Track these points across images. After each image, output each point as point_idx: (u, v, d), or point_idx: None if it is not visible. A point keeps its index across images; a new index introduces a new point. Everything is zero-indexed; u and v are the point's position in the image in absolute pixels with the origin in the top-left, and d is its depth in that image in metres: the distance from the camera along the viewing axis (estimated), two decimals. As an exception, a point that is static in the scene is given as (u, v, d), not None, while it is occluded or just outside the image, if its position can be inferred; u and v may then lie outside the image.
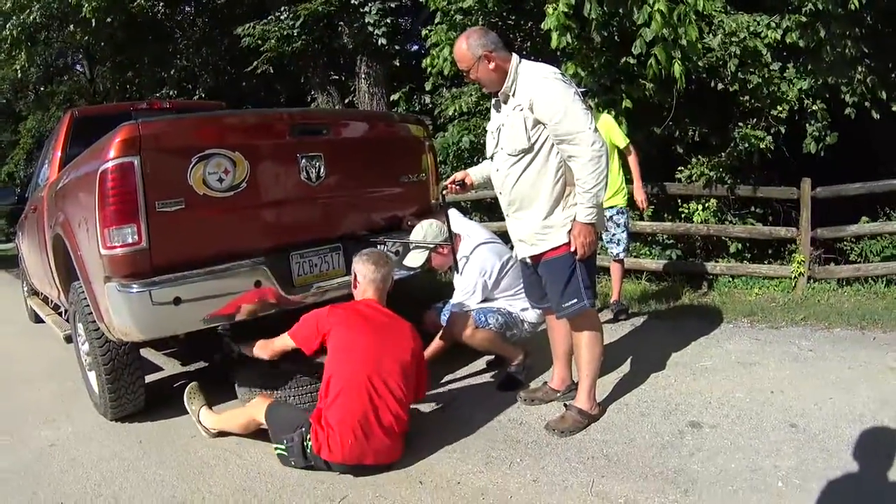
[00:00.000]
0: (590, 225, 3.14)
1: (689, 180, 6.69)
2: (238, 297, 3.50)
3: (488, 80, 3.24)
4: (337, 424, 2.94)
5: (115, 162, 3.18)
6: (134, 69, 13.27)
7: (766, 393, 3.68)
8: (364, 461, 2.99)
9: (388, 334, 3.16)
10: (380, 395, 3.00)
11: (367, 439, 2.96)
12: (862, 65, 6.27)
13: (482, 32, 3.23)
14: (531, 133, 3.13)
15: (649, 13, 5.12)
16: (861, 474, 2.80)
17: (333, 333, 3.10)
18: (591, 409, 3.44)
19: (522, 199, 3.27)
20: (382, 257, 3.42)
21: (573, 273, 3.23)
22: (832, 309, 5.19)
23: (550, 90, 3.08)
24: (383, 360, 3.06)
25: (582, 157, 3.02)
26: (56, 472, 3.45)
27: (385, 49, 9.54)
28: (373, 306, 3.29)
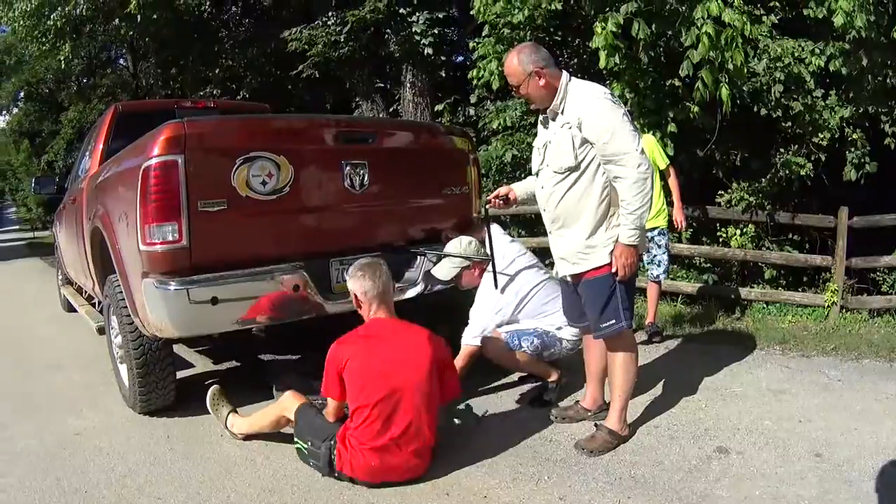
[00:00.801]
0: (632, 247, 3.12)
1: (728, 205, 6.65)
2: (276, 300, 3.51)
3: (538, 96, 3.23)
4: (359, 447, 2.94)
5: (159, 159, 3.23)
6: (178, 66, 13.38)
7: (793, 421, 3.65)
8: (388, 478, 2.99)
9: (402, 349, 3.06)
10: (401, 415, 2.95)
11: (391, 459, 2.95)
12: (902, 95, 6.18)
13: (534, 48, 3.23)
14: (578, 151, 3.12)
15: (697, 35, 5.09)
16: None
17: (348, 367, 3.02)
18: (622, 431, 3.41)
19: (566, 218, 3.27)
20: (375, 268, 3.21)
21: (613, 293, 3.22)
22: (862, 339, 5.13)
23: (600, 110, 3.08)
24: (401, 377, 2.98)
25: (628, 178, 3.02)
26: (81, 461, 3.49)
27: (431, 59, 9.54)
28: (381, 323, 3.16)
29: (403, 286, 4.11)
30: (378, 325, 3.15)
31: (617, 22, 5.28)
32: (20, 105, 25.59)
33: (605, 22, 5.32)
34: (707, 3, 5.00)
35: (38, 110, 24.61)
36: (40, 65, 17.39)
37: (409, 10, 9.41)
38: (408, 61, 9.83)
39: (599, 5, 5.79)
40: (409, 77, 9.97)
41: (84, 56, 14.68)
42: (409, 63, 9.85)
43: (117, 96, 16.95)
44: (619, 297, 3.22)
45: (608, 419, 3.43)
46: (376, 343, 3.05)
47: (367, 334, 3.11)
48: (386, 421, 2.92)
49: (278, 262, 3.57)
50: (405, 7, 9.39)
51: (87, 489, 3.18)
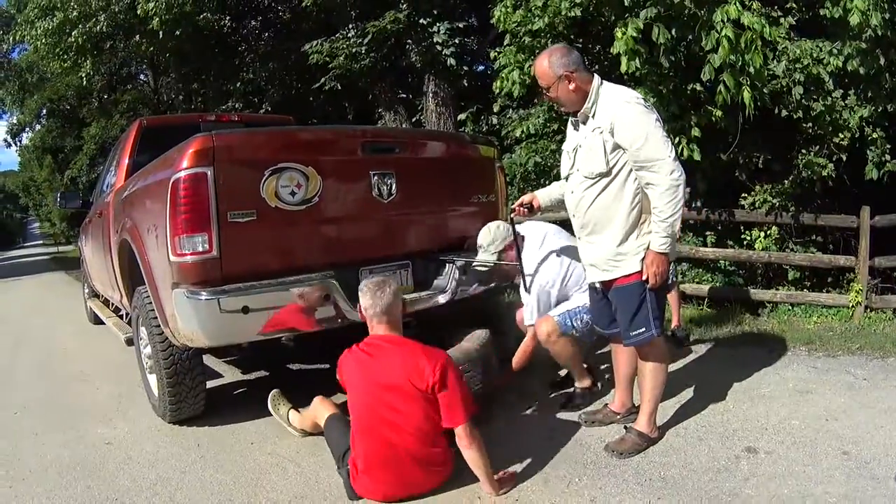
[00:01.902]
0: (663, 254, 3.09)
1: (752, 207, 6.62)
2: (305, 309, 3.55)
3: (567, 100, 3.20)
4: (364, 470, 2.93)
5: (188, 172, 3.29)
6: (199, 81, 13.50)
7: (820, 420, 3.65)
8: (408, 493, 2.96)
9: (389, 368, 2.95)
10: (396, 433, 2.90)
11: (399, 477, 2.93)
12: (921, 93, 6.13)
13: (565, 51, 3.19)
14: (610, 157, 3.10)
15: (717, 39, 5.10)
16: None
17: (345, 380, 3.07)
18: (651, 433, 3.41)
19: (596, 224, 3.24)
20: (380, 286, 3.14)
21: (643, 301, 3.19)
22: (887, 338, 5.10)
23: (632, 114, 3.04)
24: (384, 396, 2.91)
25: (660, 185, 2.99)
26: (111, 470, 3.55)
27: (453, 69, 9.55)
28: (378, 341, 3.10)
29: (432, 293, 4.14)
30: (376, 343, 3.10)
31: (637, 27, 5.30)
32: (43, 122, 25.97)
33: (625, 27, 5.35)
34: (726, 7, 5.01)
35: (60, 126, 24.96)
36: (62, 82, 17.63)
37: (430, 20, 9.43)
38: (429, 71, 9.86)
39: (619, 11, 5.80)
40: (431, 87, 9.99)
41: (105, 72, 14.83)
42: (430, 73, 9.88)
43: (138, 111, 17.13)
44: (650, 306, 3.20)
45: (638, 421, 3.44)
46: (366, 361, 3.02)
47: (364, 350, 3.08)
48: (380, 441, 2.90)
49: (308, 271, 3.60)
50: (426, 17, 9.42)
51: (118, 497, 3.24)
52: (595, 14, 6.24)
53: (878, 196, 6.19)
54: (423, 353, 2.99)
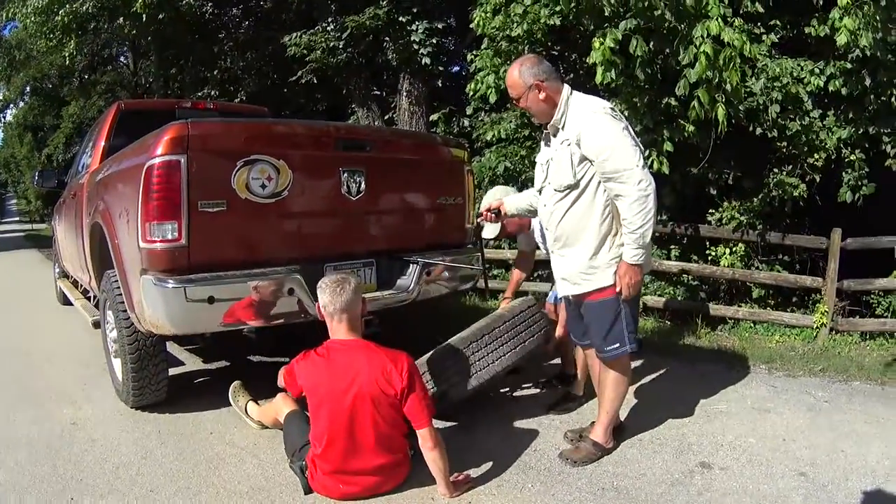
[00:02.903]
0: (636, 266, 3.09)
1: (719, 223, 6.68)
2: (270, 302, 3.56)
3: (538, 110, 3.21)
4: (322, 473, 2.95)
5: (162, 159, 3.28)
6: (178, 66, 13.42)
7: (778, 440, 3.69)
8: (366, 493, 2.98)
9: (351, 374, 2.93)
10: (355, 441, 2.91)
11: (355, 480, 2.95)
12: (908, 115, 6.19)
13: (536, 60, 3.19)
14: (577, 169, 3.10)
15: (695, 54, 5.13)
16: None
17: (304, 387, 3.03)
18: (607, 444, 3.44)
19: (568, 237, 3.23)
20: (339, 283, 3.08)
21: (618, 317, 3.21)
22: (852, 362, 5.16)
23: (598, 125, 3.03)
24: (347, 403, 2.90)
25: (629, 196, 2.98)
26: (77, 451, 3.58)
27: (429, 68, 9.57)
28: (337, 345, 3.06)
29: (395, 293, 4.18)
30: (333, 347, 3.06)
31: (615, 38, 5.32)
32: (26, 99, 25.69)
33: (603, 37, 5.37)
34: (707, 22, 5.05)
35: (42, 105, 24.73)
36: (46, 60, 17.47)
37: (409, 18, 9.44)
38: (405, 70, 9.87)
39: (599, 21, 5.84)
40: (405, 86, 10.00)
41: (87, 53, 14.74)
42: (406, 71, 9.89)
43: (117, 93, 17.11)
44: (624, 321, 3.22)
45: (594, 431, 3.46)
46: (325, 367, 2.99)
47: (321, 356, 3.04)
48: (342, 447, 2.91)
49: (273, 265, 3.62)
50: (405, 15, 9.43)
51: (82, 478, 3.27)
52: (574, 22, 6.26)
53: (846, 217, 6.23)
54: (388, 357, 2.99)
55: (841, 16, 5.36)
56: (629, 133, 3.07)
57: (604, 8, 5.54)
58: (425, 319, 5.45)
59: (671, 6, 5.27)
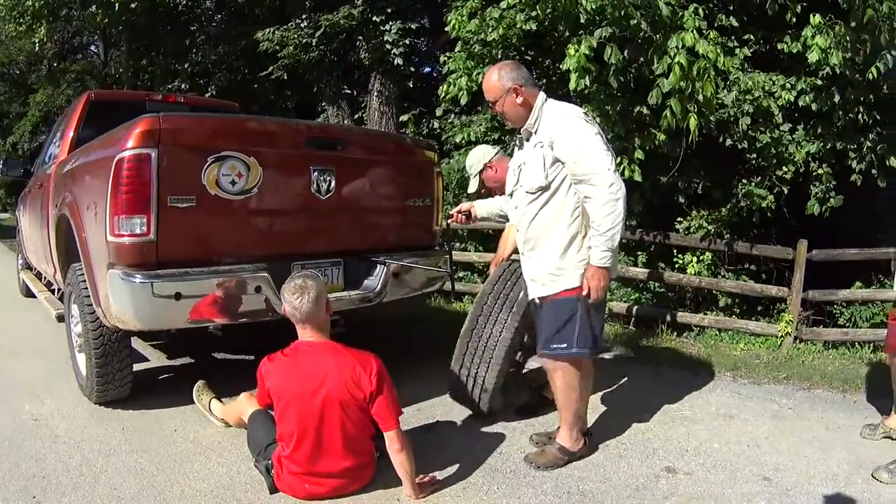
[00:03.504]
0: (604, 269, 3.10)
1: (687, 231, 6.76)
2: (238, 300, 3.54)
3: (514, 114, 3.23)
4: (291, 474, 2.94)
5: (132, 152, 3.24)
6: (149, 57, 13.30)
7: (742, 445, 3.75)
8: (326, 497, 2.97)
9: (320, 375, 2.90)
10: (322, 443, 2.90)
11: (326, 482, 2.95)
12: (873, 132, 6.33)
13: (514, 66, 3.23)
14: (549, 171, 3.13)
15: (669, 65, 5.20)
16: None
17: (271, 387, 3.00)
18: (573, 447, 3.41)
19: (537, 238, 3.25)
20: (302, 289, 2.99)
21: (572, 318, 3.18)
22: (815, 370, 5.25)
23: (572, 128, 3.07)
24: (317, 405, 2.88)
25: (598, 198, 3.00)
26: (38, 448, 3.50)
27: (401, 69, 9.58)
28: (305, 347, 3.03)
29: (361, 294, 4.16)
30: (300, 349, 3.03)
31: (590, 45, 5.37)
32: (-7, 85, 25.20)
33: (578, 44, 5.41)
34: (682, 34, 5.12)
35: (8, 91, 24.24)
36: (14, 45, 17.18)
37: (383, 18, 9.44)
38: (377, 69, 9.86)
39: (574, 28, 5.88)
40: (376, 85, 9.98)
41: (57, 40, 14.54)
42: (378, 71, 9.88)
43: (86, 82, 16.87)
44: (579, 323, 3.18)
45: (560, 434, 3.44)
46: (293, 368, 2.96)
47: (288, 357, 3.01)
48: (309, 449, 2.89)
49: (241, 262, 3.60)
50: (379, 15, 9.43)
51: (45, 475, 3.19)
52: (549, 28, 6.31)
53: (812, 228, 6.36)
54: (357, 359, 2.97)
55: (813, 34, 5.50)
56: (602, 138, 3.11)
57: (579, 15, 5.58)
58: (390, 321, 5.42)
59: (647, 16, 5.33)
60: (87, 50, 18.22)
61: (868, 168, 6.37)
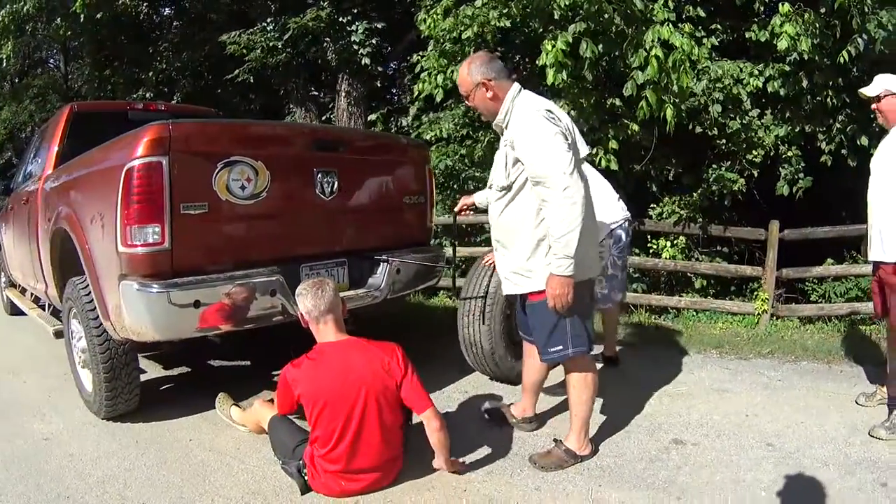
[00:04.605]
0: (563, 277, 2.92)
1: (659, 217, 6.94)
2: (254, 304, 3.56)
3: (484, 108, 3.19)
4: (325, 474, 2.99)
5: (143, 160, 3.23)
6: (112, 68, 13.11)
7: (741, 416, 3.93)
8: (361, 493, 3.03)
9: (351, 372, 2.97)
10: (363, 437, 2.96)
11: (361, 479, 3.01)
12: (842, 113, 6.59)
13: (486, 59, 3.15)
14: (511, 171, 3.07)
15: (645, 57, 5.37)
16: (838, 488, 3.03)
17: (302, 393, 3.01)
18: (581, 450, 3.34)
19: (505, 236, 3.23)
20: (320, 285, 3.14)
21: (560, 318, 3.09)
22: (797, 344, 5.46)
23: (531, 128, 2.96)
24: (352, 402, 2.94)
25: (552, 201, 2.87)
26: (55, 467, 3.45)
27: (368, 68, 9.64)
28: (329, 347, 3.09)
29: (367, 291, 4.24)
30: (326, 350, 3.09)
31: (567, 40, 5.51)
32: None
33: (554, 40, 5.54)
34: (658, 28, 5.29)
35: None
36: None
37: (349, 18, 9.49)
38: (344, 70, 9.90)
39: (548, 24, 6.01)
40: (344, 86, 10.03)
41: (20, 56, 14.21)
42: (345, 72, 9.92)
43: (47, 98, 16.47)
44: (568, 323, 3.11)
45: (568, 437, 3.37)
46: (323, 371, 3.00)
47: (316, 360, 3.05)
48: (348, 446, 2.94)
49: (253, 266, 3.62)
50: (345, 16, 9.48)
51: (69, 495, 3.15)
52: (521, 25, 6.42)
53: (784, 210, 6.60)
54: (380, 349, 3.07)
55: (782, 22, 5.71)
56: (565, 138, 2.96)
57: (553, 11, 5.71)
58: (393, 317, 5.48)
59: (620, 11, 5.48)
60: (47, 64, 17.79)
61: (838, 148, 6.63)
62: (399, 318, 5.74)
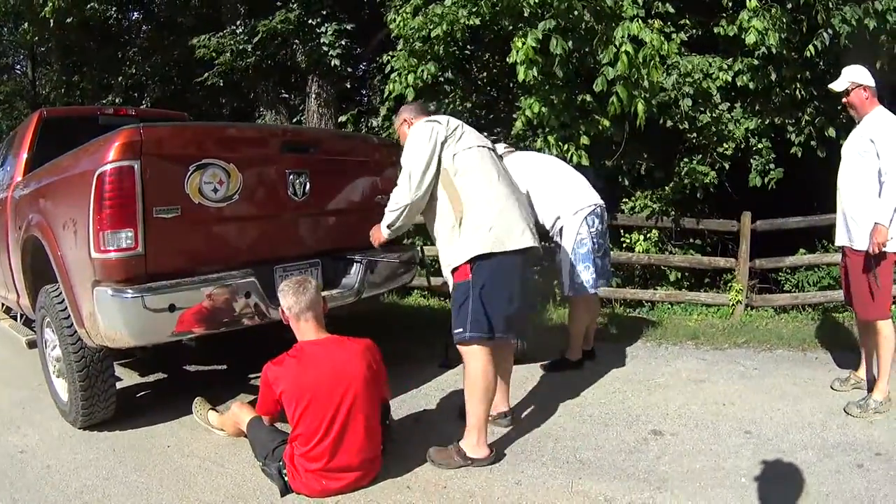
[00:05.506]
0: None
1: (632, 212, 6.98)
2: (230, 307, 3.54)
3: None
4: (305, 472, 2.99)
5: (114, 165, 3.21)
6: (80, 73, 12.96)
7: (718, 405, 3.98)
8: (342, 492, 3.03)
9: (334, 369, 3.01)
10: (347, 435, 2.98)
11: (343, 477, 3.02)
12: (810, 106, 6.67)
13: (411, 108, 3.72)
14: None
15: (615, 53, 5.40)
16: (816, 471, 3.09)
17: (284, 392, 3.02)
18: (473, 452, 3.26)
19: None
20: (301, 283, 3.21)
21: (465, 301, 3.16)
22: (772, 333, 5.54)
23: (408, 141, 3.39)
24: (336, 399, 2.96)
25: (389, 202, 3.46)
26: (32, 479, 3.40)
27: (338, 70, 9.60)
28: (310, 346, 3.13)
29: (341, 292, 4.22)
30: (308, 348, 3.12)
31: (537, 37, 5.53)
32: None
33: (524, 37, 5.56)
34: (627, 24, 5.33)
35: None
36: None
37: (318, 20, 9.43)
38: (314, 72, 9.84)
39: (516, 22, 6.03)
40: (314, 88, 9.96)
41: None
42: (315, 74, 9.86)
43: (14, 104, 16.24)
44: (470, 307, 3.14)
45: (465, 437, 3.31)
46: (308, 368, 3.02)
47: (298, 357, 3.08)
48: (331, 443, 2.96)
49: (228, 269, 3.60)
50: (314, 18, 9.43)
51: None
52: (490, 23, 6.44)
53: (756, 202, 6.65)
54: (362, 346, 3.14)
55: (750, 17, 5.79)
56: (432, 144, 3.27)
57: (523, 9, 5.74)
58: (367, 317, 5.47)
59: (590, 7, 5.52)
60: (13, 70, 17.52)
61: (808, 140, 6.71)
62: (374, 317, 5.71)
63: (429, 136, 3.27)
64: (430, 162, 3.25)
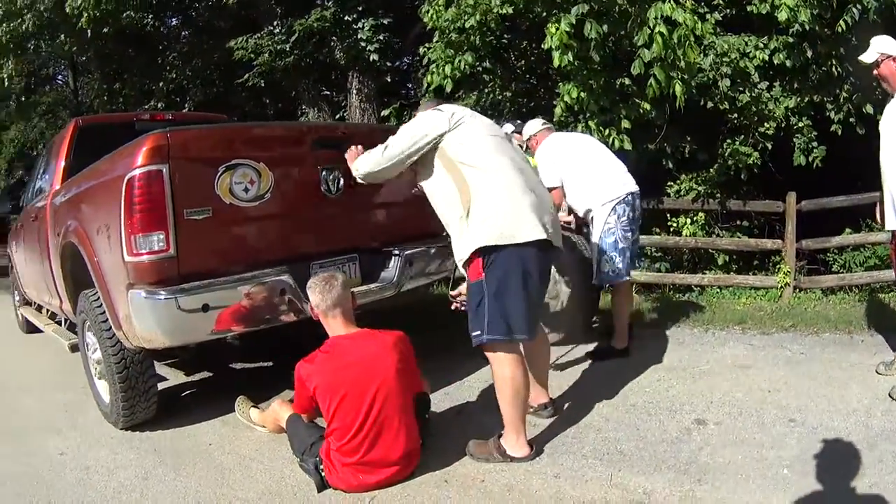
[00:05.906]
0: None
1: (677, 195, 6.87)
2: (264, 305, 3.55)
3: None
4: (342, 467, 2.99)
5: (143, 170, 3.24)
6: (121, 80, 13.20)
7: (763, 392, 3.86)
8: (379, 486, 3.02)
9: (366, 363, 3.01)
10: (383, 428, 2.98)
11: (381, 472, 3.01)
12: (847, 83, 6.50)
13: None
14: None
15: (650, 35, 5.30)
16: (860, 462, 2.97)
17: (317, 388, 3.02)
18: (513, 451, 3.20)
19: None
20: (328, 279, 3.20)
21: (481, 302, 3.06)
22: (819, 316, 5.38)
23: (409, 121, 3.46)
24: (371, 393, 2.96)
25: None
26: (71, 481, 3.44)
27: (377, 65, 9.61)
28: (341, 340, 3.14)
29: (380, 285, 4.20)
30: (338, 342, 3.13)
31: (570, 22, 5.44)
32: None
33: (558, 22, 5.48)
34: (660, 5, 5.21)
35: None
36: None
37: (355, 17, 9.46)
38: (353, 68, 9.87)
39: (550, 7, 5.95)
40: (354, 84, 10.00)
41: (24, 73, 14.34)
42: (354, 70, 9.89)
43: (58, 113, 16.60)
44: (487, 309, 3.03)
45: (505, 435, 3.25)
46: (339, 362, 3.03)
47: (329, 353, 3.09)
48: (368, 438, 2.95)
49: (261, 267, 3.60)
50: (350, 14, 9.45)
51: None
52: (524, 10, 6.37)
53: (801, 181, 6.49)
54: (393, 337, 3.14)
55: (781, -6, 5.63)
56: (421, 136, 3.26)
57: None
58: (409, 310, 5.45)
59: (623, -11, 5.42)
60: (55, 80, 17.94)
61: (846, 117, 6.53)
62: (417, 310, 5.69)
63: (424, 123, 3.27)
64: (411, 146, 3.27)
